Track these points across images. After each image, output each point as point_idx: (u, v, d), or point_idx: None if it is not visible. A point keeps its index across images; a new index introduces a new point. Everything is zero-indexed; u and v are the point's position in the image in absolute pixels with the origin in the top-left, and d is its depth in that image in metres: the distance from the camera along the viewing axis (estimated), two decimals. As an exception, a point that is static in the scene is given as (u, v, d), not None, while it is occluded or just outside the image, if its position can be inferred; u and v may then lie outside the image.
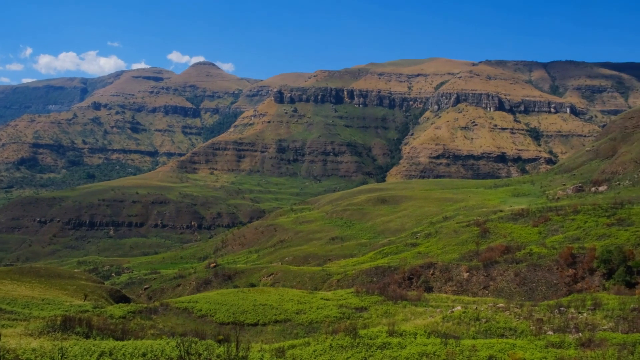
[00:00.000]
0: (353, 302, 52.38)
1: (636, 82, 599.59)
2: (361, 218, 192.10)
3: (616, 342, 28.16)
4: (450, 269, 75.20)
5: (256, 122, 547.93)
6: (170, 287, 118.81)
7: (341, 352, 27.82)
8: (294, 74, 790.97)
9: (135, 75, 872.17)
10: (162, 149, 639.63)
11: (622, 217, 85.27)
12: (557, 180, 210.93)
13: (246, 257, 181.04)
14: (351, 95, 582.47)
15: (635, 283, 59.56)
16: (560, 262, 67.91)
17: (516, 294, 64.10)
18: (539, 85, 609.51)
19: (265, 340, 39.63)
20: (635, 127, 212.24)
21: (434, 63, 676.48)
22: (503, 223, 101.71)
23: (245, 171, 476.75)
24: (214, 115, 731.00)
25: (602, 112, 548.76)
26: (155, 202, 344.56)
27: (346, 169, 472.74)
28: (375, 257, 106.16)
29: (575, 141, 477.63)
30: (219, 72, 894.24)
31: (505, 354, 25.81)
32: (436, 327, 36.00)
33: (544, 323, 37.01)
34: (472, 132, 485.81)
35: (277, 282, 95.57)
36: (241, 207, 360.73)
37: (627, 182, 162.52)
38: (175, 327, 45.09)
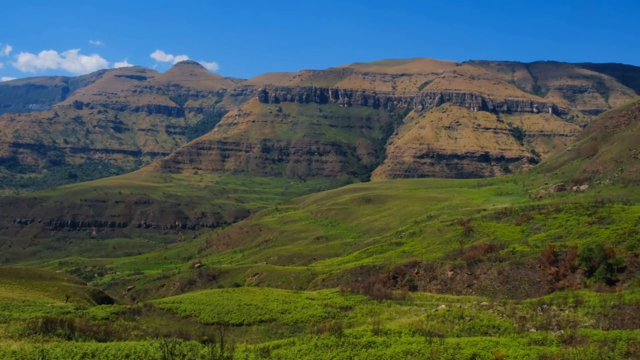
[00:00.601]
0: (338, 301, 52.43)
1: (616, 83, 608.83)
2: (346, 217, 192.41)
3: (597, 339, 28.54)
4: (434, 268, 75.67)
5: (241, 122, 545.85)
6: (154, 288, 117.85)
7: (326, 352, 27.81)
8: (278, 74, 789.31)
9: (118, 74, 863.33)
10: (146, 148, 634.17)
11: (602, 216, 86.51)
12: (539, 180, 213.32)
13: (231, 257, 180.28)
14: (336, 94, 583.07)
15: (615, 280, 60.49)
16: (542, 261, 68.71)
17: (499, 292, 64.71)
18: (521, 85, 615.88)
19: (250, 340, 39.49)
20: (616, 127, 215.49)
21: (418, 63, 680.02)
22: (486, 222, 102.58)
23: (229, 171, 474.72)
24: (198, 115, 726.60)
25: (583, 112, 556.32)
26: (138, 202, 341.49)
27: (331, 168, 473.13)
28: (360, 257, 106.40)
29: (557, 141, 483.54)
30: (203, 71, 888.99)
31: (489, 352, 26.01)
32: (421, 325, 36.17)
33: (526, 320, 37.40)
34: (456, 131, 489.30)
35: (262, 282, 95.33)
36: (226, 207, 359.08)
37: (608, 181, 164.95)
38: (159, 328, 44.73)
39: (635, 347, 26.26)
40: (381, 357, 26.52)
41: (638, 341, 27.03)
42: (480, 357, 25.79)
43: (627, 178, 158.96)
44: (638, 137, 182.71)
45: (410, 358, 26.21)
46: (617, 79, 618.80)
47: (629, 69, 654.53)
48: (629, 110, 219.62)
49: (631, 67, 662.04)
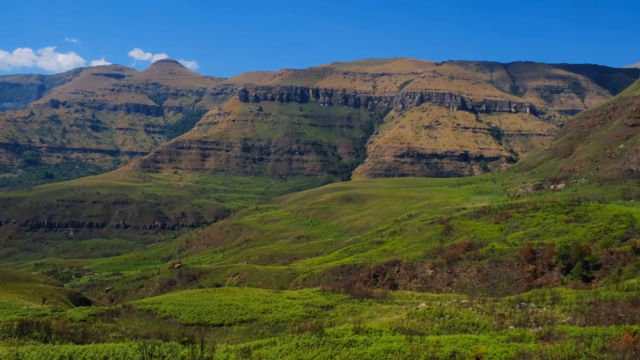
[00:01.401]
0: (319, 300, 52.44)
1: (591, 84, 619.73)
2: (327, 217, 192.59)
3: (574, 335, 29.00)
4: (415, 267, 76.15)
5: (221, 121, 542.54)
6: (133, 289, 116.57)
7: (307, 351, 27.78)
8: (259, 73, 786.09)
9: (95, 73, 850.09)
10: (124, 147, 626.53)
11: (579, 214, 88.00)
12: (517, 178, 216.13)
13: (211, 257, 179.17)
14: (316, 94, 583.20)
15: (591, 277, 61.56)
16: (520, 258, 69.64)
17: (479, 290, 65.40)
18: (499, 85, 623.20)
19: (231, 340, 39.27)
20: (591, 126, 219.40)
21: (398, 63, 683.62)
22: (466, 220, 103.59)
23: (209, 170, 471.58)
24: (178, 114, 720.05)
25: (560, 112, 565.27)
26: (117, 202, 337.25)
27: (311, 167, 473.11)
28: (341, 256, 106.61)
29: (535, 140, 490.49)
30: (182, 70, 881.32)
31: (469, 349, 26.24)
32: (401, 324, 36.36)
33: (505, 318, 37.85)
34: (436, 131, 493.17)
35: (243, 282, 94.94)
36: (206, 207, 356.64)
37: (584, 179, 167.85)
38: (139, 329, 44.23)
39: (611, 342, 26.75)
40: (362, 355, 26.58)
41: (613, 337, 27.54)
42: (460, 355, 26.01)
43: (602, 177, 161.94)
44: (613, 137, 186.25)
45: (391, 356, 26.31)
46: (592, 79, 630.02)
47: (604, 70, 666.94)
48: (604, 111, 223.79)
49: (606, 68, 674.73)
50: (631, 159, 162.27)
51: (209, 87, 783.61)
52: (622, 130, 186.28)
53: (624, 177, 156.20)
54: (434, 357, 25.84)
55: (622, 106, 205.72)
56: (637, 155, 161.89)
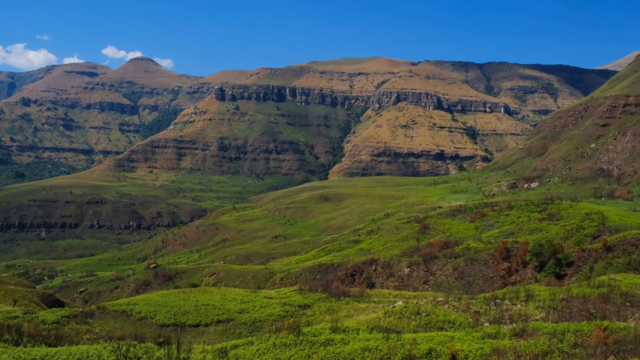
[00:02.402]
0: (296, 300, 52.40)
1: (564, 84, 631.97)
2: (304, 216, 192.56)
3: (547, 331, 29.51)
4: (391, 265, 76.65)
5: (197, 120, 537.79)
6: (107, 290, 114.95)
7: (285, 350, 27.73)
8: (235, 71, 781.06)
9: (68, 70, 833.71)
10: (98, 147, 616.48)
11: (552, 212, 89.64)
12: (492, 177, 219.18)
13: (187, 257, 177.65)
14: (293, 93, 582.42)
15: (564, 274, 62.79)
16: (495, 256, 70.64)
17: (455, 288, 66.14)
18: (475, 85, 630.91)
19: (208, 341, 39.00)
20: (564, 126, 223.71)
21: (375, 62, 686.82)
22: (442, 219, 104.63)
23: (186, 169, 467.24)
24: (153, 113, 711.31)
25: (534, 112, 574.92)
26: (90, 202, 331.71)
27: (289, 167, 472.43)
28: (318, 255, 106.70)
29: (509, 140, 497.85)
30: (157, 68, 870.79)
31: (444, 346, 26.50)
32: (378, 322, 36.56)
33: (480, 315, 38.35)
34: (412, 130, 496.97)
35: (220, 282, 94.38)
36: (182, 206, 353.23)
37: (557, 178, 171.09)
38: (113, 330, 43.62)
39: (583, 338, 27.30)
40: (339, 354, 26.64)
41: (585, 332, 28.11)
42: (436, 352, 26.25)
43: (574, 176, 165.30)
44: (585, 137, 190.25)
45: (368, 355, 26.42)
46: (564, 80, 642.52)
47: (576, 71, 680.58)
48: (576, 111, 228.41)
49: (578, 69, 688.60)
50: (602, 158, 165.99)
51: (185, 85, 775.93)
52: (594, 130, 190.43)
53: (595, 176, 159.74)
54: (410, 355, 26.03)
55: (593, 106, 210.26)
56: (607, 154, 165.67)
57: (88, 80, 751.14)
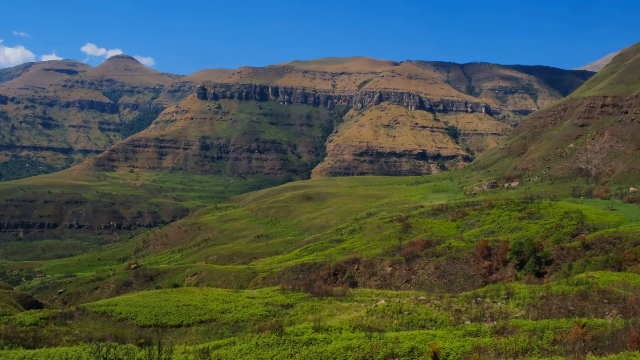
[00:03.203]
0: (279, 299, 52.30)
1: (543, 85, 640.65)
2: (286, 215, 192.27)
3: (527, 329, 29.88)
4: (374, 264, 76.90)
5: (178, 119, 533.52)
6: (87, 291, 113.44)
7: (267, 350, 27.66)
8: (217, 70, 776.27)
9: (46, 68, 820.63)
10: (77, 145, 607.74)
11: (532, 211, 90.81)
12: (473, 177, 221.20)
13: (169, 257, 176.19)
14: (276, 92, 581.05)
15: (543, 272, 63.63)
16: (476, 255, 71.31)
17: (436, 286, 66.58)
18: (456, 85, 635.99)
19: (190, 341, 38.72)
20: (543, 126, 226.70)
21: (357, 62, 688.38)
22: (424, 218, 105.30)
23: (167, 169, 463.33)
24: (134, 111, 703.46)
25: (514, 112, 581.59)
26: (70, 202, 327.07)
27: (271, 166, 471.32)
28: (300, 254, 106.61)
29: (490, 139, 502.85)
30: (138, 66, 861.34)
31: (426, 345, 26.66)
32: (361, 321, 36.65)
33: (462, 313, 38.67)
34: (394, 130, 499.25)
35: (202, 282, 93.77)
36: (163, 206, 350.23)
37: (536, 178, 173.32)
38: (93, 332, 43.07)
39: (562, 335, 27.68)
40: (322, 353, 26.64)
41: (564, 329, 28.51)
42: (418, 350, 26.41)
43: (554, 175, 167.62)
44: (564, 137, 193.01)
45: (351, 354, 26.47)
46: (544, 81, 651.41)
47: (555, 72, 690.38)
48: (555, 111, 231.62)
49: (557, 70, 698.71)
50: (580, 157, 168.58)
51: (166, 84, 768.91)
52: (572, 130, 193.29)
53: (574, 175, 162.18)
54: (392, 354, 26.14)
55: (572, 107, 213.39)
56: (586, 154, 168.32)
57: (67, 78, 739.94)
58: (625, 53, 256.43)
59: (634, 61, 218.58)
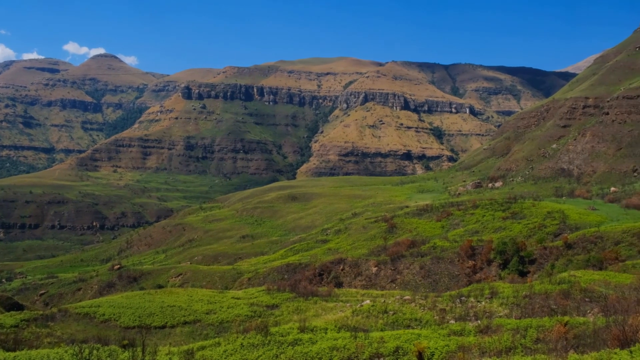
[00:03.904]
0: (264, 300, 52.15)
1: (527, 86, 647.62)
2: (272, 216, 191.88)
3: (511, 327, 30.14)
4: (359, 264, 77.03)
5: (163, 118, 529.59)
6: (69, 292, 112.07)
7: (252, 351, 27.55)
8: (202, 70, 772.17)
9: (27, 66, 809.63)
10: (60, 145, 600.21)
11: (515, 211, 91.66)
12: (458, 177, 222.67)
13: (153, 257, 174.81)
14: (261, 92, 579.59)
15: (527, 272, 64.27)
16: (461, 255, 71.78)
17: (421, 286, 66.87)
18: (441, 86, 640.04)
19: (174, 342, 38.44)
20: (527, 127, 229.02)
21: (342, 62, 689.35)
22: (409, 218, 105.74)
23: (151, 169, 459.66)
24: (117, 111, 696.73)
25: (498, 112, 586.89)
26: (51, 202, 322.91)
27: (256, 166, 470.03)
28: (286, 255, 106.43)
29: (474, 140, 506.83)
30: (121, 65, 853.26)
31: (411, 344, 26.75)
32: (346, 321, 36.67)
33: (446, 313, 38.88)
34: (380, 130, 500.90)
35: (186, 283, 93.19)
36: (147, 206, 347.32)
37: (520, 178, 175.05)
38: (76, 334, 42.55)
39: (544, 333, 27.96)
40: (307, 354, 26.61)
41: (547, 328, 28.80)
42: (403, 350, 26.49)
43: (537, 175, 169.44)
44: (546, 137, 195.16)
45: (336, 354, 26.46)
46: (527, 82, 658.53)
47: (538, 73, 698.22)
48: (538, 112, 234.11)
49: (540, 71, 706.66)
50: (563, 158, 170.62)
51: (150, 83, 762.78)
52: (555, 130, 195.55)
53: (556, 175, 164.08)
54: (378, 353, 26.19)
55: (554, 108, 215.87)
56: (568, 154, 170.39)
57: (49, 76, 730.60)
58: (606, 55, 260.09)
59: (614, 63, 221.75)
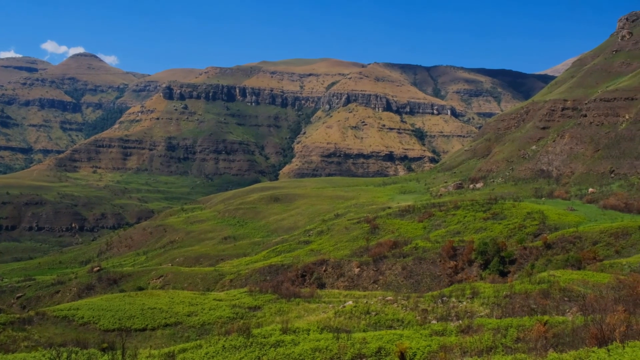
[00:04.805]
0: (246, 301, 51.88)
1: (507, 88, 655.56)
2: (254, 217, 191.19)
3: (491, 327, 30.38)
4: (342, 265, 77.12)
5: (144, 119, 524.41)
6: (47, 295, 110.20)
7: (234, 353, 27.37)
8: (184, 70, 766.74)
9: (4, 65, 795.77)
10: (38, 145, 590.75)
11: (496, 212, 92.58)
12: (439, 178, 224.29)
13: (134, 259, 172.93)
14: (243, 93, 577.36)
15: (507, 272, 64.95)
16: (442, 255, 72.28)
17: (403, 287, 67.19)
18: (422, 87, 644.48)
19: (155, 345, 38.03)
20: (507, 129, 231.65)
21: (325, 63, 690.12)
22: (391, 219, 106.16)
23: (132, 170, 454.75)
24: (97, 111, 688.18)
25: (479, 114, 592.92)
26: (29, 203, 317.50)
27: (238, 167, 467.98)
28: (268, 256, 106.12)
29: (455, 141, 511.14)
30: (101, 64, 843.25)
31: (393, 345, 26.80)
32: (329, 322, 36.63)
33: (428, 313, 39.08)
34: (362, 131, 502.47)
35: (167, 285, 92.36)
36: (128, 208, 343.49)
37: (500, 179, 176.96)
38: (54, 337, 41.85)
39: (524, 333, 28.24)
40: (290, 355, 26.51)
41: (527, 327, 29.10)
42: (385, 350, 26.53)
43: (517, 176, 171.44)
44: (526, 139, 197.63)
45: (319, 355, 26.41)
46: (507, 84, 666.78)
47: (518, 76, 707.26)
48: (518, 114, 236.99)
49: (520, 74, 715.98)
50: (542, 159, 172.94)
51: (131, 83, 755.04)
52: (534, 132, 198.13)
53: (536, 176, 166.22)
54: (360, 354, 26.20)
55: (534, 110, 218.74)
56: (547, 156, 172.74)
57: (27, 75, 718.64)
58: (584, 58, 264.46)
59: (592, 66, 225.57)
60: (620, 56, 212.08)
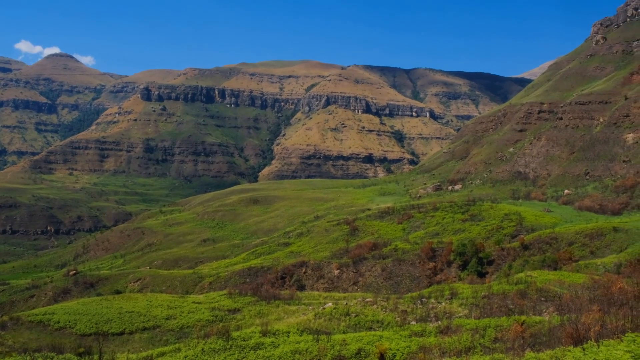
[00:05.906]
0: (226, 304, 51.56)
1: (485, 91, 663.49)
2: (233, 219, 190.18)
3: (470, 328, 30.69)
4: (321, 267, 77.14)
5: (121, 120, 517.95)
6: (22, 299, 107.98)
7: (214, 356, 27.18)
8: (162, 71, 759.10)
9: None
10: (11, 147, 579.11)
11: (474, 213, 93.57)
12: (418, 180, 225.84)
13: (111, 262, 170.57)
14: (222, 94, 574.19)
15: (485, 273, 65.68)
16: (422, 256, 72.79)
17: (383, 288, 67.48)
18: (402, 90, 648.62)
19: (133, 349, 37.57)
20: (485, 131, 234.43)
21: (304, 65, 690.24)
22: (371, 221, 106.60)
23: (109, 172, 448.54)
24: (73, 112, 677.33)
25: (457, 117, 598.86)
26: (3, 206, 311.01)
27: (217, 169, 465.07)
28: (248, 258, 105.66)
29: (434, 143, 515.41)
30: (78, 65, 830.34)
31: (373, 346, 26.90)
32: (308, 324, 36.61)
33: (407, 314, 39.31)
34: (342, 133, 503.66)
35: (146, 288, 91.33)
36: (105, 210, 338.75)
37: (478, 181, 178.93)
38: (28, 342, 41.04)
39: (502, 333, 28.59)
40: (269, 357, 26.42)
41: (504, 327, 29.46)
42: (365, 352, 26.60)
43: (494, 178, 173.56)
44: (504, 141, 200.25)
45: (299, 357, 26.37)
46: (485, 87, 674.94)
47: (495, 79, 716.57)
48: (495, 117, 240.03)
49: (497, 77, 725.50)
50: (519, 161, 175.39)
51: (108, 84, 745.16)
52: (512, 135, 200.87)
53: (513, 178, 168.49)
54: (340, 356, 26.22)
55: (511, 113, 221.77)
56: (524, 158, 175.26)
57: (0, 76, 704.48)
58: (560, 62, 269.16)
59: (567, 70, 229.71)
60: (595, 60, 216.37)
